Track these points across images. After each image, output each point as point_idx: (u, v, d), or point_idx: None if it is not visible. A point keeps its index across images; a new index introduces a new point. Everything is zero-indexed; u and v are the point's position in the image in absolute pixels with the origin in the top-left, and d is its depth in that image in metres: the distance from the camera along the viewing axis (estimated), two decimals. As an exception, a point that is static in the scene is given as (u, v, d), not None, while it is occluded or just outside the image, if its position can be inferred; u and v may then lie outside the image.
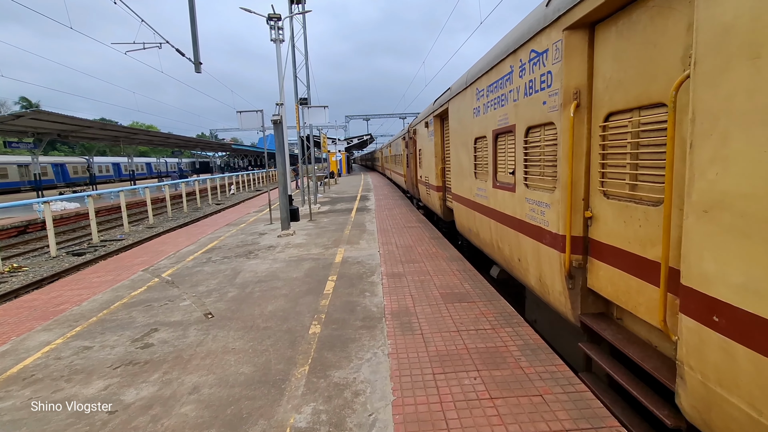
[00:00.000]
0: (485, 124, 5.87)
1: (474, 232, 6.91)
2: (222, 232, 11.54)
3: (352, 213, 13.79)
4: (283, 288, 5.86)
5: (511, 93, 4.78)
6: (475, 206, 6.66)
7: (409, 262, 6.97)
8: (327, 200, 18.69)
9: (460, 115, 7.38)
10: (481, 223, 6.37)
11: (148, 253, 9.91)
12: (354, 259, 7.38)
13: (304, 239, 9.41)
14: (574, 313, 3.72)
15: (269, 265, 7.18)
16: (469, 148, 6.84)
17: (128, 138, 33.67)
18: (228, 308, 5.17)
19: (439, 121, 10.30)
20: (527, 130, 4.42)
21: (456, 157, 8.01)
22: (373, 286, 5.69)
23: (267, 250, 8.46)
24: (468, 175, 7.05)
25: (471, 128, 6.67)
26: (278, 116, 9.31)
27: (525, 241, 4.59)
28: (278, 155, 9.50)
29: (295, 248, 8.51)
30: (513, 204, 4.88)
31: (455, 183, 8.23)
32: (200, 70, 14.60)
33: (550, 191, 3.93)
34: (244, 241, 9.71)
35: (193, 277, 6.85)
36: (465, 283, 5.64)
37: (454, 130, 8.04)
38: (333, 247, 8.41)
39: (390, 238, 9.16)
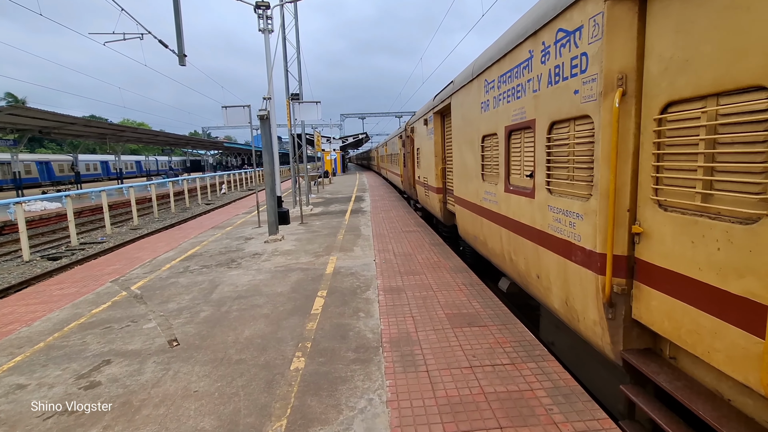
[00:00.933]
0: (495, 120, 5.18)
1: (480, 240, 6.22)
2: (206, 236, 10.76)
3: (347, 215, 13.06)
4: (264, 306, 5.12)
5: (530, 83, 4.09)
6: (482, 212, 5.97)
7: (408, 273, 6.26)
8: (320, 201, 17.94)
9: (465, 111, 6.68)
10: (490, 231, 5.68)
11: (123, 260, 9.12)
12: (347, 269, 6.66)
13: (294, 245, 8.67)
14: (614, 348, 3.04)
15: (252, 277, 6.44)
16: (475, 147, 6.15)
17: (115, 135, 32.63)
18: (198, 333, 4.43)
19: (439, 118, 9.61)
20: (551, 125, 3.73)
21: (459, 157, 7.31)
22: (369, 304, 4.98)
23: (251, 258, 7.71)
24: (473, 177, 6.36)
25: (478, 125, 5.98)
26: (265, 111, 8.56)
27: (547, 257, 3.90)
28: (265, 154, 8.74)
29: (282, 256, 7.77)
30: (531, 212, 4.19)
31: (458, 185, 7.53)
32: (184, 62, 13.77)
33: (583, 199, 3.24)
34: (227, 247, 8.94)
35: (165, 291, 6.09)
36: (473, 301, 4.94)
37: (457, 127, 7.35)
38: (324, 255, 7.68)
39: (387, 244, 8.46)
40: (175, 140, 44.61)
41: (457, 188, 7.67)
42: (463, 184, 7.14)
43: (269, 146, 8.76)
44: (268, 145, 8.75)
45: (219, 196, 34.11)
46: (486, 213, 5.78)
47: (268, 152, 8.76)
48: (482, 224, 6.03)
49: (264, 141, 8.70)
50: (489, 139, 5.61)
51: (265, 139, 8.69)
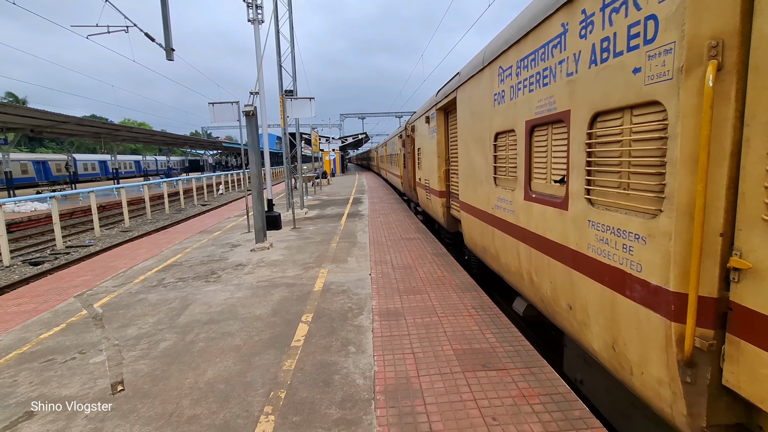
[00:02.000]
0: (513, 114, 4.34)
1: (491, 253, 5.39)
2: (191, 242, 9.95)
3: (343, 219, 12.23)
4: (237, 334, 4.29)
5: (563, 65, 3.26)
6: (494, 221, 5.14)
7: (408, 291, 5.43)
8: (317, 203, 17.12)
9: (474, 105, 5.85)
10: (503, 245, 4.85)
11: (96, 270, 8.31)
12: (339, 285, 5.83)
13: (282, 255, 7.84)
14: (692, 421, 2.21)
15: (229, 295, 5.61)
16: (486, 146, 5.32)
17: (110, 134, 31.87)
18: (151, 372, 3.60)
19: (442, 115, 8.78)
20: (594, 117, 2.89)
21: (466, 158, 6.48)
22: (361, 334, 4.14)
23: (233, 270, 6.89)
24: (484, 181, 5.53)
25: (489, 120, 5.15)
26: (251, 107, 7.75)
27: (584, 284, 3.07)
28: (251, 153, 7.93)
29: (267, 268, 6.94)
30: (562, 227, 3.36)
31: (464, 189, 6.70)
32: (172, 57, 12.98)
33: (646, 216, 2.41)
34: (210, 256, 8.13)
35: (130, 311, 5.27)
36: (487, 331, 4.11)
37: (464, 124, 6.52)
38: (314, 267, 6.85)
39: (384, 254, 7.63)
40: (172, 140, 43.86)
41: (463, 193, 6.83)
42: (470, 188, 6.31)
43: (256, 145, 7.94)
44: (255, 143, 7.93)
45: (216, 197, 33.34)
46: (499, 223, 4.95)
47: (255, 152, 7.94)
48: (494, 236, 5.20)
49: (250, 139, 7.89)
50: (504, 136, 4.78)
51: (251, 138, 7.87)
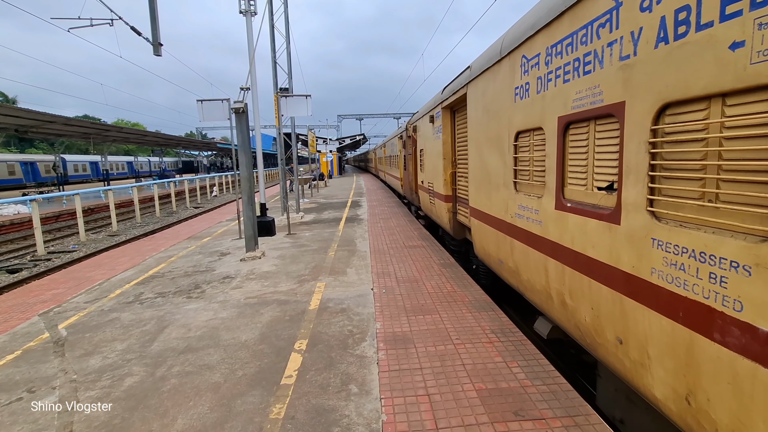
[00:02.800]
0: (541, 109, 3.75)
1: (509, 267, 4.78)
2: (177, 249, 9.28)
3: (341, 224, 11.60)
4: (218, 368, 3.65)
5: (613, 47, 2.66)
6: (514, 231, 4.53)
7: (416, 311, 4.80)
8: (313, 207, 16.47)
9: (488, 101, 5.26)
10: (525, 259, 4.25)
11: (70, 281, 7.63)
12: (337, 303, 5.19)
13: (274, 265, 7.20)
14: None
15: (212, 314, 4.96)
16: (504, 146, 4.72)
17: (99, 135, 31.05)
18: (109, 421, 2.95)
19: (449, 113, 8.18)
20: (662, 109, 2.29)
21: (478, 159, 5.88)
22: (364, 368, 3.52)
23: (220, 284, 6.23)
24: (500, 186, 4.93)
25: (509, 118, 4.55)
26: (241, 104, 7.11)
27: (645, 317, 2.47)
28: (241, 155, 7.28)
29: (258, 281, 6.30)
30: (611, 243, 2.75)
31: (475, 194, 6.10)
32: (160, 52, 12.32)
33: (754, 239, 1.80)
34: (196, 266, 7.47)
35: (98, 334, 4.62)
36: (513, 364, 3.49)
37: (476, 122, 5.92)
38: (310, 280, 6.21)
39: (387, 264, 7.00)
40: (165, 140, 43.03)
41: (473, 198, 6.23)
42: (482, 193, 5.71)
43: (246, 145, 7.30)
44: (246, 143, 7.29)
45: (210, 199, 32.59)
46: (521, 234, 4.34)
47: (246, 152, 7.30)
48: (513, 248, 4.59)
49: (240, 139, 7.25)
50: (527, 135, 4.18)
51: (241, 137, 7.23)
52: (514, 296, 6.28)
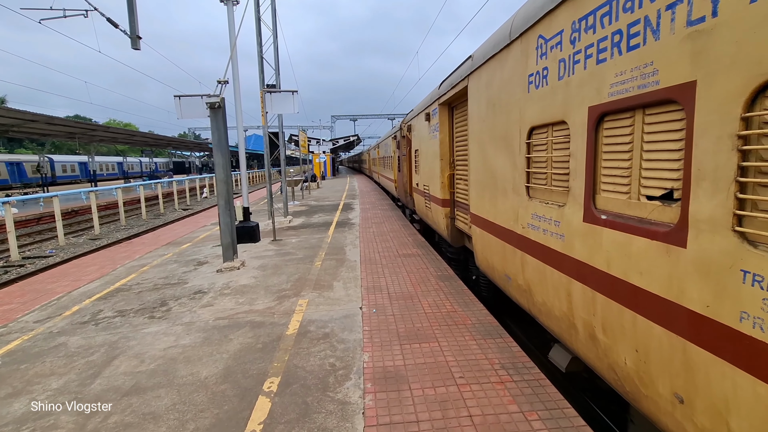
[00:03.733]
0: (564, 99, 3.08)
1: (519, 285, 4.10)
2: (152, 257, 8.52)
3: (330, 229, 10.88)
4: (164, 419, 2.92)
5: (676, 9, 1.99)
6: (526, 245, 3.86)
7: (412, 337, 4.11)
8: (303, 209, 15.73)
9: (494, 93, 4.59)
10: (540, 278, 3.57)
11: (27, 294, 6.86)
12: (320, 325, 4.48)
13: (254, 277, 6.47)
14: None
15: (173, 341, 4.23)
16: (514, 145, 4.06)
17: (85, 134, 30.05)
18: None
19: (447, 110, 7.52)
20: (759, 90, 1.63)
21: (481, 161, 5.21)
22: (346, 421, 2.81)
23: (189, 300, 5.50)
24: (508, 191, 4.25)
25: (520, 111, 3.88)
26: (218, 98, 6.39)
27: (728, 377, 1.79)
28: (217, 154, 6.55)
29: (232, 297, 5.57)
30: (672, 271, 2.07)
31: (477, 199, 5.43)
32: (138, 45, 11.55)
33: None
34: (168, 278, 6.72)
35: (35, 365, 3.87)
36: (532, 416, 2.80)
37: (478, 118, 5.25)
38: (292, 296, 5.49)
39: (379, 276, 6.30)
40: (155, 141, 42.01)
41: (475, 204, 5.56)
42: (486, 198, 5.03)
43: (224, 143, 6.57)
44: (223, 142, 6.56)
45: (199, 201, 31.73)
46: (534, 249, 3.67)
47: (222, 152, 6.57)
48: (524, 263, 3.92)
49: (216, 137, 6.52)
50: (544, 131, 3.51)
51: (217, 135, 6.50)
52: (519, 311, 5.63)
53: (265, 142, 10.57)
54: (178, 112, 9.01)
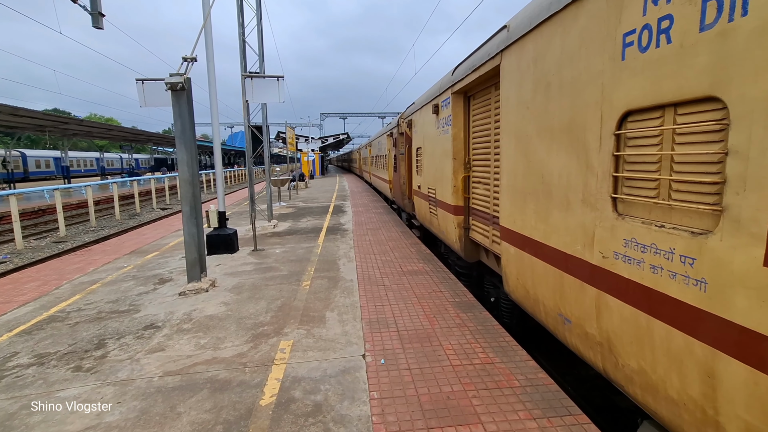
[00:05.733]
0: (721, 60, 1.88)
1: (586, 334, 2.91)
2: (109, 270, 7.13)
3: (320, 236, 9.59)
4: None
5: None
6: (608, 282, 2.67)
7: (442, 414, 2.87)
8: (290, 212, 14.38)
9: (550, 69, 3.38)
10: (640, 335, 2.39)
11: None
12: (309, 390, 3.21)
13: (224, 304, 5.15)
14: None
15: (94, 417, 2.91)
16: (589, 137, 2.86)
17: (56, 128, 28.07)
18: None
19: (462, 100, 6.32)
20: None
21: (521, 159, 4.01)
22: None
23: (136, 340, 4.16)
24: (573, 202, 3.06)
25: (602, 89, 2.68)
26: (181, 77, 5.06)
27: None
28: (180, 148, 5.21)
29: (193, 335, 4.25)
30: None
31: (515, 210, 4.22)
32: (100, 23, 10.09)
33: None
34: (118, 302, 5.36)
35: None
36: None
37: (518, 104, 4.04)
38: (271, 335, 4.20)
39: (382, 303, 5.06)
40: (134, 136, 39.94)
41: (509, 214, 4.36)
42: (529, 209, 3.84)
43: (188, 135, 5.25)
44: (187, 132, 5.23)
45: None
46: (629, 291, 2.48)
47: (187, 146, 5.24)
48: (602, 308, 2.73)
49: (179, 126, 5.19)
50: (658, 116, 2.31)
51: (180, 124, 5.18)
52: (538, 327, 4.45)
53: (247, 137, 9.22)
54: (141, 99, 7.63)
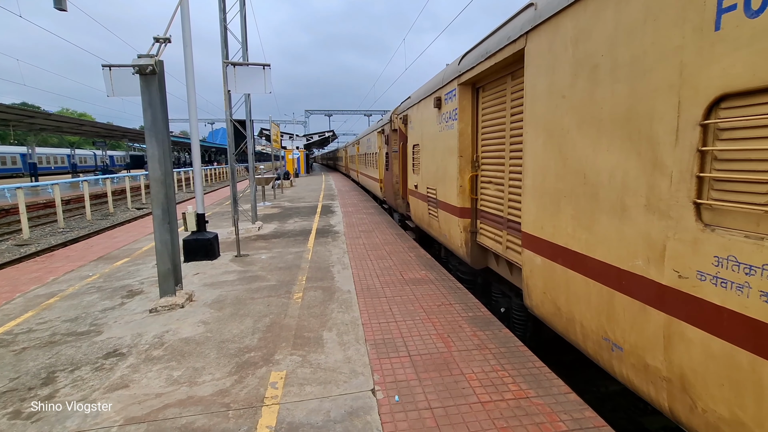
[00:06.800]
0: None
1: (647, 367, 2.37)
2: (71, 279, 6.31)
3: (310, 240, 8.90)
4: None
5: None
6: (688, 308, 2.14)
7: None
8: (276, 212, 13.60)
9: (596, 50, 2.83)
10: (742, 379, 1.86)
11: None
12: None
13: (203, 323, 4.45)
14: None
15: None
16: (659, 130, 2.32)
17: (21, 122, 26.35)
18: None
19: (470, 92, 5.76)
20: None
21: (553, 157, 3.46)
22: None
23: (93, 373, 3.44)
24: (631, 208, 2.52)
25: (680, 70, 2.14)
26: (150, 60, 4.33)
27: None
28: (150, 142, 4.48)
29: (164, 366, 3.55)
30: None
31: (545, 214, 3.68)
32: (64, 5, 9.17)
33: None
34: (77, 320, 4.59)
35: None
36: None
37: (550, 92, 3.49)
38: (260, 364, 3.54)
39: (387, 320, 4.45)
40: (108, 131, 38.06)
41: (536, 219, 3.81)
42: (565, 214, 3.30)
43: (160, 127, 4.52)
44: (159, 124, 4.50)
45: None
46: (723, 323, 1.95)
47: (158, 139, 4.50)
48: (675, 338, 2.20)
49: (149, 116, 4.46)
50: (764, 102, 1.79)
51: (150, 113, 4.44)
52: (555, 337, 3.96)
53: (229, 131, 8.45)
54: (108, 88, 6.78)
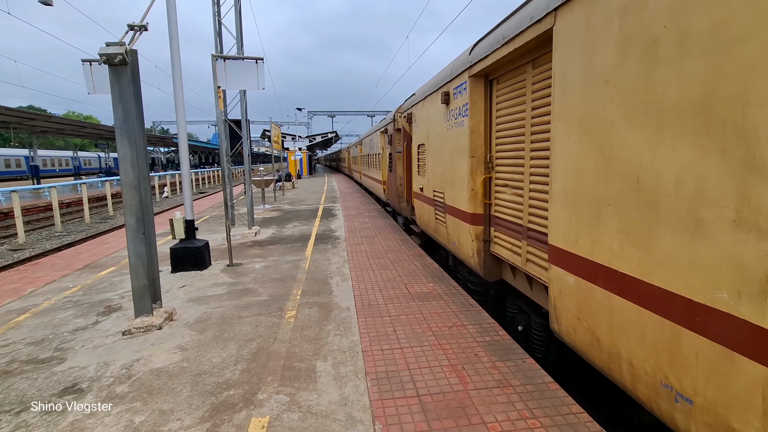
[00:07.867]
0: None
1: (729, 429, 1.79)
2: (49, 292, 5.78)
3: (309, 246, 8.34)
4: None
5: None
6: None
7: None
8: (275, 215, 13.06)
9: (697, 6, 2.25)
10: None
11: None
12: None
13: (180, 348, 3.89)
14: None
15: None
16: None
17: (22, 124, 26.06)
18: None
19: (482, 85, 5.17)
20: None
21: (595, 156, 2.86)
22: None
23: (41, 417, 2.88)
24: (709, 225, 1.92)
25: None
26: (120, 48, 3.78)
27: None
28: (120, 141, 3.93)
29: (126, 407, 2.99)
30: None
31: (579, 226, 3.08)
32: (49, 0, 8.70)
33: None
34: (43, 343, 4.04)
35: None
36: None
37: (585, 79, 2.88)
38: (239, 407, 2.97)
39: (391, 346, 3.86)
40: (110, 133, 37.78)
41: (567, 231, 3.21)
42: (607, 227, 2.70)
43: (133, 124, 3.97)
44: (132, 120, 3.95)
45: (159, 201, 28.26)
46: None
47: (129, 138, 3.95)
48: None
49: (119, 114, 3.91)
50: None
51: (122, 109, 3.90)
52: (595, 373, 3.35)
53: (220, 131, 7.90)
54: (89, 84, 6.29)
